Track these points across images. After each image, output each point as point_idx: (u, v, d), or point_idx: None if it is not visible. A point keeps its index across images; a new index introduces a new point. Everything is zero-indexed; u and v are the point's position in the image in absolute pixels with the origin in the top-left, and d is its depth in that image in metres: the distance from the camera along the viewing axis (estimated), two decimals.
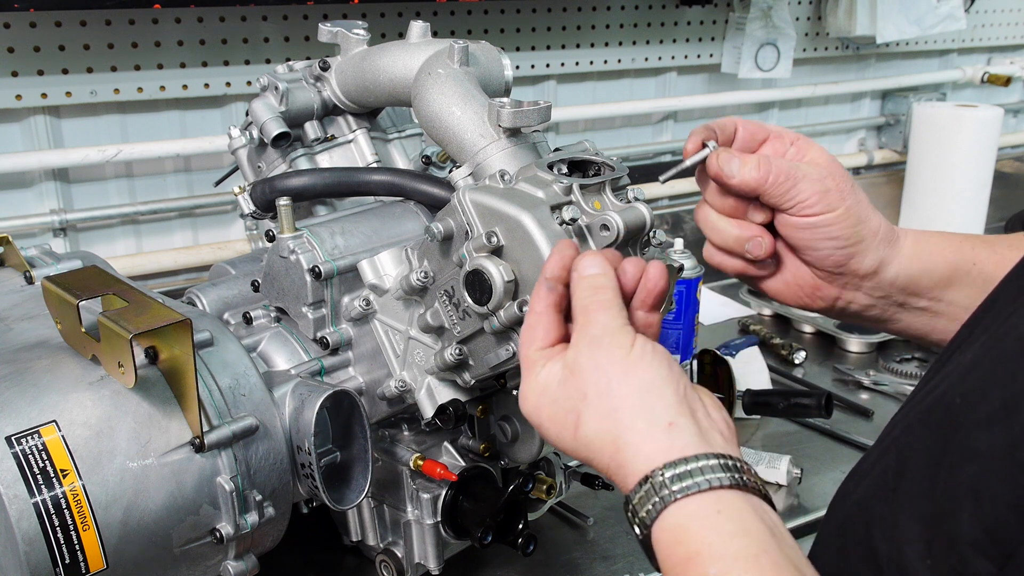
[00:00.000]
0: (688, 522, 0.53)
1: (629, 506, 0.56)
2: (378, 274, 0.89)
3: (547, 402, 0.62)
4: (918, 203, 2.15)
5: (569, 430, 0.60)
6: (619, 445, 0.57)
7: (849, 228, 0.74)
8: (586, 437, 0.59)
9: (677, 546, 0.53)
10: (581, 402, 0.60)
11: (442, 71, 0.88)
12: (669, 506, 0.54)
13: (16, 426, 0.70)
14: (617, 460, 0.57)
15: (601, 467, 0.60)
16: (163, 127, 1.57)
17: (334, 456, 0.87)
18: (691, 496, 0.54)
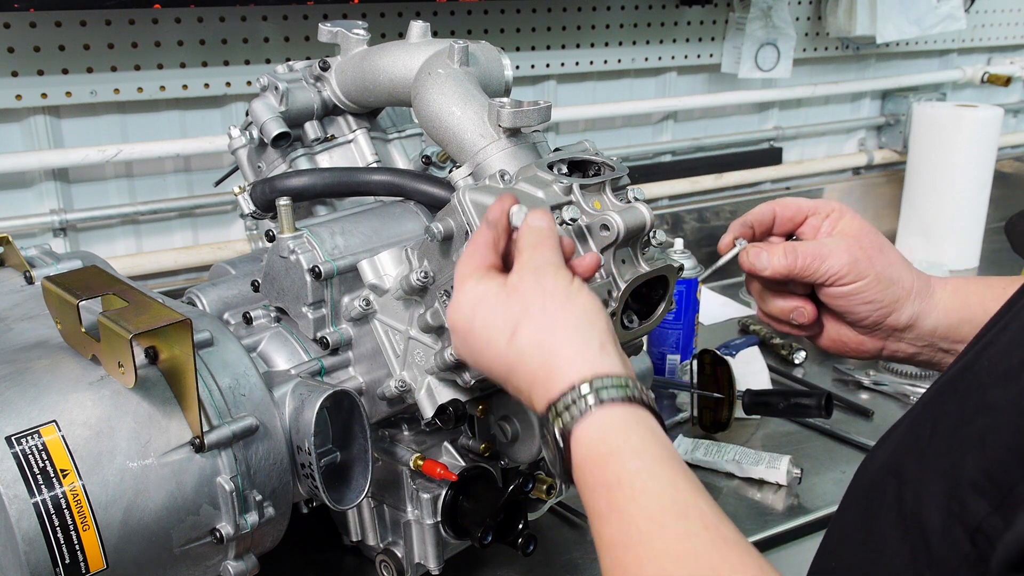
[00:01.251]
0: (611, 424, 0.60)
1: (552, 410, 0.61)
2: (378, 274, 0.89)
3: (483, 311, 0.67)
4: (918, 203, 2.15)
5: (503, 337, 0.65)
6: (553, 355, 0.63)
7: (881, 291, 0.80)
8: (520, 344, 0.64)
9: (599, 444, 0.59)
10: (522, 315, 0.65)
11: (442, 71, 0.88)
12: (594, 409, 0.60)
13: (16, 426, 0.70)
14: (547, 368, 0.63)
15: (525, 375, 0.64)
16: (163, 127, 1.57)
17: (334, 456, 0.87)
18: (615, 404, 0.60)
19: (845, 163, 2.41)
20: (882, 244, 0.82)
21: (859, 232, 0.82)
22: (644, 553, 0.55)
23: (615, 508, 0.57)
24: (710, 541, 0.55)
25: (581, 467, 0.60)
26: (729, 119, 2.24)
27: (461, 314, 0.68)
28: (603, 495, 0.58)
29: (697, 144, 2.16)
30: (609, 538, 0.57)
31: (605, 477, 0.58)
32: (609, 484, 0.58)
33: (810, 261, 0.80)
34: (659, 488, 0.57)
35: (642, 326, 0.80)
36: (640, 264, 0.77)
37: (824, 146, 2.43)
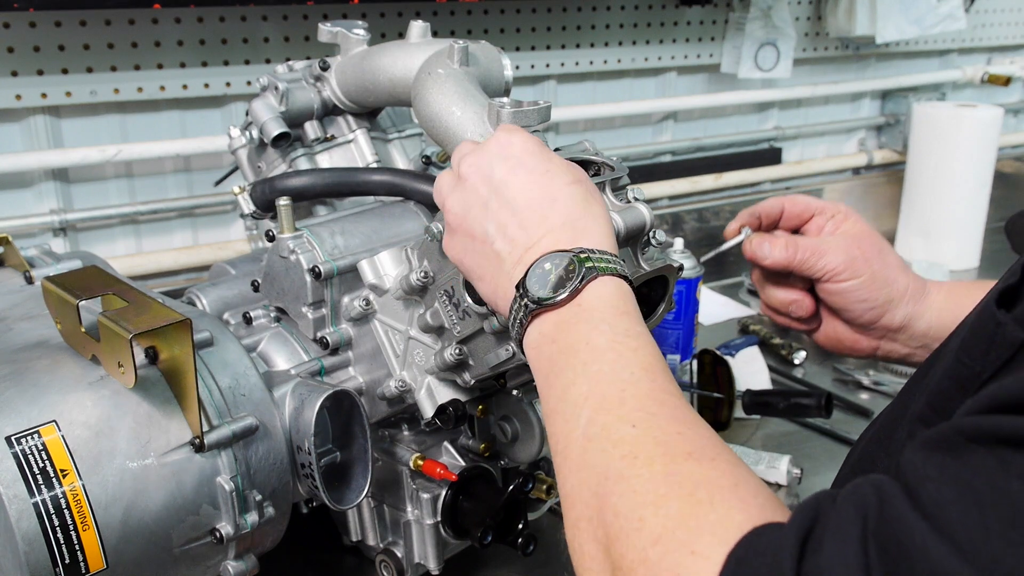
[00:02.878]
0: (622, 286, 0.62)
1: (584, 261, 0.61)
2: (378, 274, 0.89)
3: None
4: (918, 203, 2.15)
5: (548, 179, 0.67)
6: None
7: (876, 291, 0.83)
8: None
9: (621, 299, 0.61)
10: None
11: (442, 71, 0.88)
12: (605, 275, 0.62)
13: (16, 426, 0.70)
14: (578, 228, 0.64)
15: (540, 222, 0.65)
16: (163, 127, 1.57)
17: (334, 456, 0.87)
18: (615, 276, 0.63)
19: (845, 163, 2.41)
20: (882, 247, 0.84)
21: (861, 234, 0.85)
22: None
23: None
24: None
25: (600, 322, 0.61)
26: (729, 119, 2.24)
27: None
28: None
29: (697, 144, 2.17)
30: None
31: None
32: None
33: (809, 255, 0.83)
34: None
35: None
36: (640, 264, 0.77)
37: (824, 146, 2.44)
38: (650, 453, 0.51)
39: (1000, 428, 0.40)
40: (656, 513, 0.48)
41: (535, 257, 0.63)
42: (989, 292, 0.53)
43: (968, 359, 0.51)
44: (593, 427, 0.54)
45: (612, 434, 0.53)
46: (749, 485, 0.49)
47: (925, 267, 1.95)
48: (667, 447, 0.51)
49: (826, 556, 0.41)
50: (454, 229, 0.70)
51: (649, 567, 0.46)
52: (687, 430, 0.53)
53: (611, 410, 0.54)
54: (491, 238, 0.66)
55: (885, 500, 0.42)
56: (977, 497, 0.39)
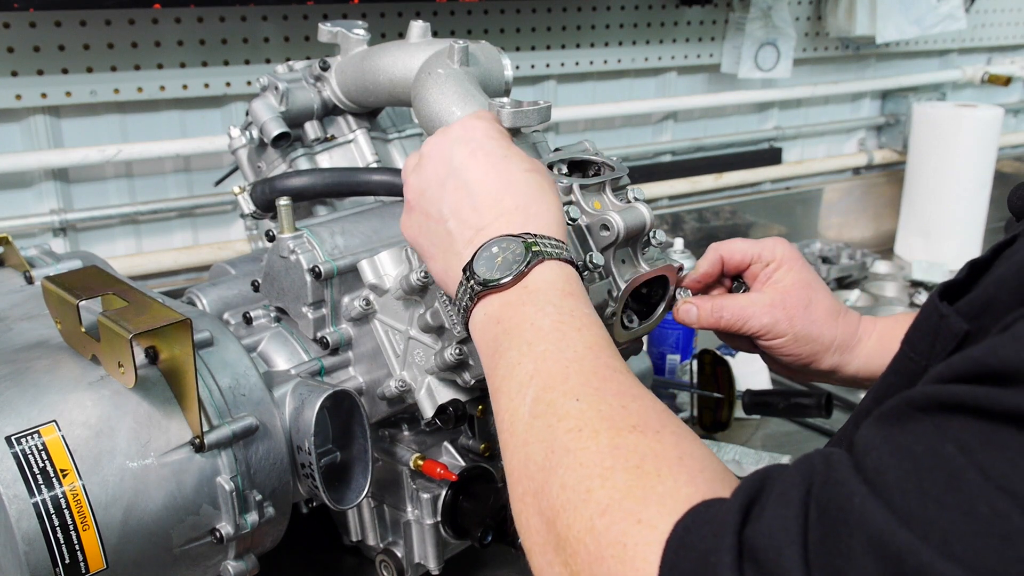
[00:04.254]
0: (567, 270, 0.64)
1: (532, 246, 0.63)
2: (378, 274, 0.89)
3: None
4: (918, 203, 2.15)
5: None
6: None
7: (798, 348, 0.86)
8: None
9: (566, 282, 0.62)
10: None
11: (442, 71, 0.88)
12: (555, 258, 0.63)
13: (16, 426, 0.70)
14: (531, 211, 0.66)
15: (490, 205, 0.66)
16: (163, 127, 1.57)
17: (334, 456, 0.87)
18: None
19: (845, 163, 2.41)
20: (809, 300, 0.86)
21: (790, 287, 0.86)
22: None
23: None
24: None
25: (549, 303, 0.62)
26: (729, 119, 2.24)
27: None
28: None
29: (697, 144, 2.16)
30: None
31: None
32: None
33: (733, 320, 0.86)
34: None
35: (642, 326, 0.80)
36: (640, 264, 0.77)
37: (824, 146, 2.43)
38: (595, 426, 0.51)
39: (939, 395, 0.41)
40: (603, 485, 0.48)
41: (484, 239, 0.64)
42: (933, 290, 0.53)
43: (913, 352, 0.52)
44: (539, 405, 0.55)
45: (558, 409, 0.53)
46: (695, 457, 0.49)
47: (925, 267, 1.95)
48: (612, 420, 0.51)
49: (767, 520, 0.42)
50: (412, 207, 0.72)
51: (596, 537, 0.47)
52: (632, 403, 0.53)
53: (556, 387, 0.55)
54: (444, 217, 0.68)
55: (831, 467, 0.43)
56: (916, 462, 0.40)
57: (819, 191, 2.32)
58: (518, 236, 0.63)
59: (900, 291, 1.93)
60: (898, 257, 2.20)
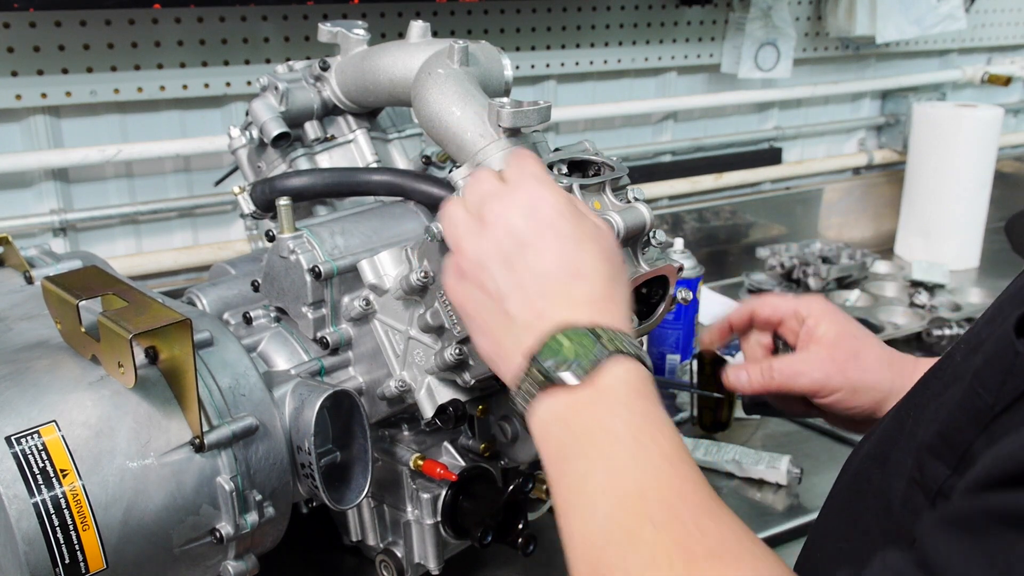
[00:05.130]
0: (639, 368, 0.60)
1: (604, 341, 0.59)
2: (378, 274, 0.89)
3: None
4: (918, 203, 2.15)
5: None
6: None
7: (857, 400, 0.83)
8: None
9: (639, 382, 0.59)
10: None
11: (442, 71, 0.88)
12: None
13: (16, 426, 0.70)
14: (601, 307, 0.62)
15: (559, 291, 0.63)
16: (163, 127, 1.57)
17: (334, 456, 0.87)
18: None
19: (845, 163, 2.41)
20: (858, 350, 0.83)
21: (836, 340, 0.84)
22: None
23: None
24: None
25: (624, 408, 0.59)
26: (729, 119, 2.24)
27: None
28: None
29: (697, 144, 2.16)
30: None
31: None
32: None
33: (785, 380, 0.83)
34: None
35: (642, 326, 0.80)
36: (640, 264, 0.77)
37: (824, 146, 2.43)
38: (671, 557, 0.49)
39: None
40: None
41: (550, 328, 0.60)
42: (1007, 318, 0.50)
43: (982, 389, 0.49)
44: (611, 526, 0.53)
45: (632, 536, 0.51)
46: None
47: (925, 267, 1.95)
48: (688, 548, 0.49)
49: None
50: (465, 274, 0.67)
51: None
52: (710, 524, 0.51)
53: (630, 507, 0.52)
54: (504, 296, 0.64)
55: None
56: None
57: (819, 191, 2.32)
58: (589, 329, 0.59)
59: (900, 291, 1.93)
60: (898, 257, 2.20)
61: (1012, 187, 2.58)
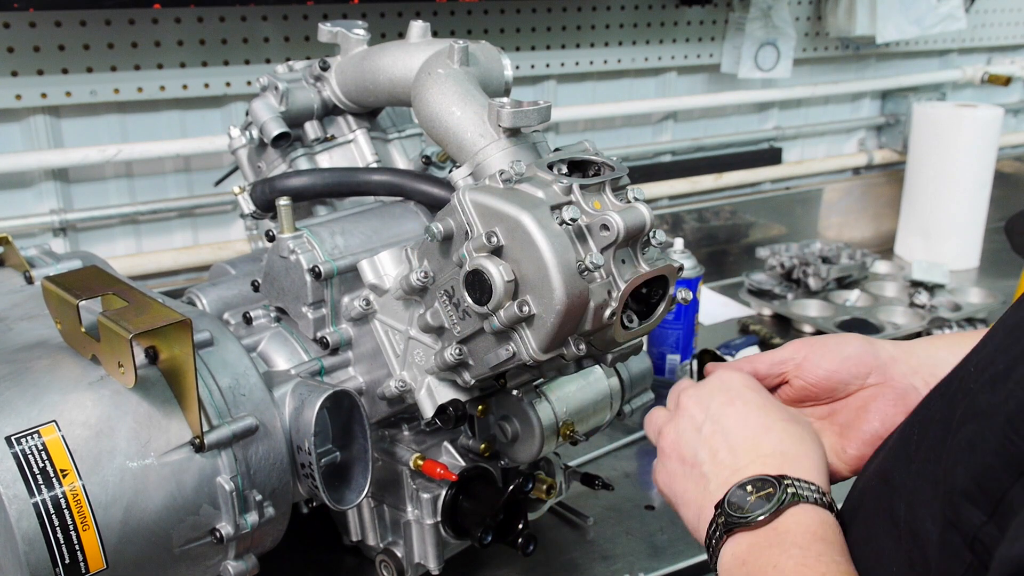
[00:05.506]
0: (826, 517, 0.62)
1: (788, 488, 0.62)
2: (378, 274, 0.89)
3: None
4: (918, 203, 2.15)
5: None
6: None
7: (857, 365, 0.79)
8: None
9: (821, 527, 0.61)
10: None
11: (442, 71, 0.88)
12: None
13: (16, 426, 0.70)
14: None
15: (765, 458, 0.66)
16: (163, 127, 1.57)
17: (334, 456, 0.87)
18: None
19: (845, 163, 2.41)
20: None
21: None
22: None
23: None
24: None
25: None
26: (729, 119, 2.24)
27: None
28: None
29: (697, 144, 2.17)
30: None
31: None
32: None
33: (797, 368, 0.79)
34: None
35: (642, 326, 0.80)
36: (640, 264, 0.76)
37: (824, 146, 2.44)
38: None
39: None
40: None
41: (739, 480, 0.64)
42: None
43: (1018, 437, 0.48)
44: None
45: None
46: None
47: (925, 267, 1.95)
48: None
49: None
50: (667, 455, 0.72)
51: None
52: None
53: None
54: (700, 461, 0.68)
55: None
56: None
57: (819, 191, 2.32)
58: (775, 478, 0.63)
59: (900, 291, 1.93)
60: (898, 257, 2.20)
61: (1012, 187, 2.59)
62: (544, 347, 0.75)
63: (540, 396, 0.94)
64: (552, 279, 0.71)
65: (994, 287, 1.95)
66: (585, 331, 0.75)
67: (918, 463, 0.57)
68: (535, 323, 0.74)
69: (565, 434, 0.96)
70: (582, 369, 0.94)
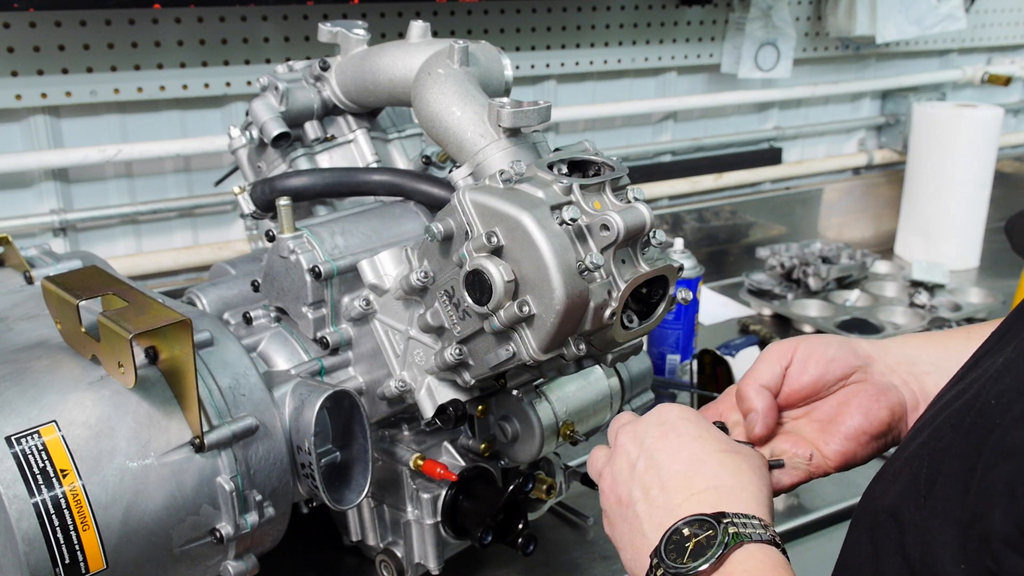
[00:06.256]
0: (773, 554, 0.59)
1: (728, 527, 0.59)
2: (378, 274, 0.89)
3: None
4: (918, 203, 2.15)
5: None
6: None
7: (839, 363, 0.78)
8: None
9: (772, 570, 0.58)
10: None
11: (442, 71, 0.88)
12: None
13: (16, 426, 0.70)
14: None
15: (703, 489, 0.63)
16: (163, 127, 1.57)
17: (334, 456, 0.87)
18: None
19: (845, 163, 2.41)
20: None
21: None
22: None
23: None
24: None
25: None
26: (729, 119, 2.24)
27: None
28: None
29: (697, 144, 2.17)
30: None
31: None
32: None
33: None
34: None
35: (642, 326, 0.80)
36: (640, 264, 0.76)
37: (824, 146, 2.43)
38: None
39: None
40: None
41: (673, 521, 0.60)
42: None
43: None
44: None
45: None
46: None
47: (925, 267, 1.95)
48: None
49: None
50: (605, 496, 0.69)
51: None
52: None
53: None
54: (634, 500, 0.65)
55: None
56: None
57: (819, 191, 2.32)
58: (712, 516, 0.59)
59: (900, 291, 1.93)
60: (898, 257, 2.20)
61: (1012, 187, 2.58)
62: (544, 347, 0.75)
63: (540, 396, 0.94)
64: (552, 279, 0.71)
65: (994, 287, 1.95)
66: (585, 331, 0.75)
67: (933, 500, 0.55)
68: (535, 323, 0.74)
69: (565, 434, 0.96)
70: (582, 369, 0.94)
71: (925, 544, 0.53)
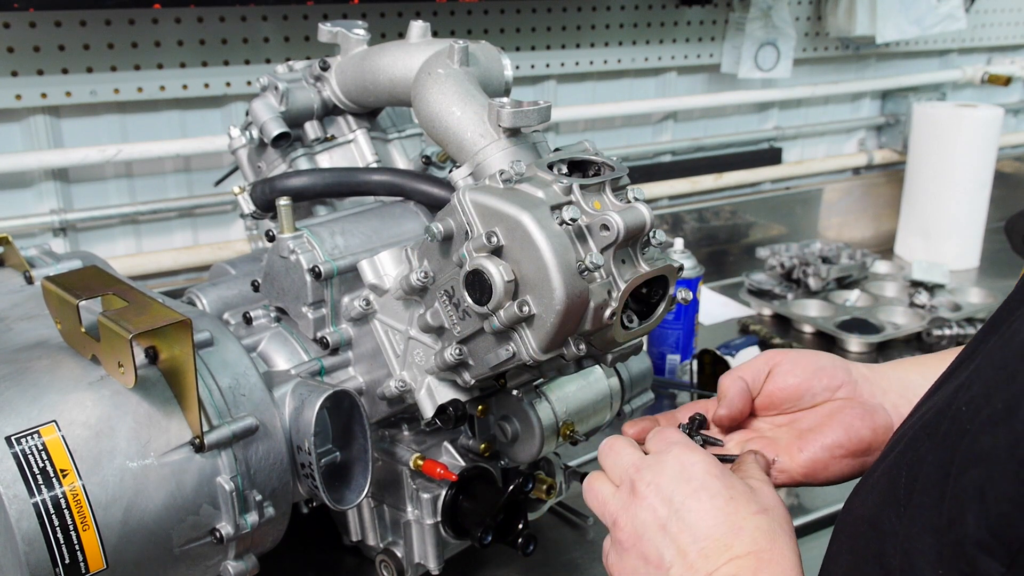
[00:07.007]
0: None
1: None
2: (378, 274, 0.89)
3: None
4: (918, 203, 2.16)
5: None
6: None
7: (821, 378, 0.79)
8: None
9: None
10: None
11: (442, 71, 0.88)
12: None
13: (16, 426, 0.70)
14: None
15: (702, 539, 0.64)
16: (163, 127, 1.57)
17: (334, 456, 0.87)
18: None
19: (845, 163, 2.41)
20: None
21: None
22: None
23: None
24: None
25: None
26: (729, 119, 2.24)
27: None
28: None
29: (697, 144, 2.17)
30: None
31: None
32: None
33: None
34: None
35: (642, 326, 0.80)
36: (640, 264, 0.76)
37: (824, 146, 2.44)
38: None
39: None
40: None
41: None
42: None
43: None
44: None
45: None
46: None
47: (925, 267, 1.95)
48: None
49: None
50: (626, 549, 0.68)
51: None
52: None
53: None
54: (667, 564, 0.64)
55: None
56: None
57: (819, 191, 2.32)
58: None
59: (900, 291, 1.93)
60: (898, 257, 2.20)
61: (1012, 187, 2.59)
62: (544, 347, 0.75)
63: (540, 396, 0.94)
64: (552, 279, 0.71)
65: (994, 287, 1.95)
66: (585, 331, 0.75)
67: (912, 509, 0.55)
68: (535, 323, 0.74)
69: (565, 434, 0.96)
70: (582, 369, 0.94)
71: (904, 553, 0.54)
